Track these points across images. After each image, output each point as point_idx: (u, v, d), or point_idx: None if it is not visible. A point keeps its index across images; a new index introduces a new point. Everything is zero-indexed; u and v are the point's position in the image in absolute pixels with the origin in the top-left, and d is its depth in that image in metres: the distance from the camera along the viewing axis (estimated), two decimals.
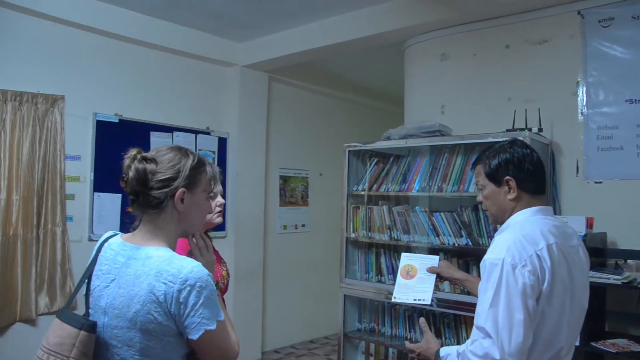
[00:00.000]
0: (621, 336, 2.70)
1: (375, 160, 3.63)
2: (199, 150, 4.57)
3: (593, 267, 2.60)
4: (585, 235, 2.61)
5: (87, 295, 1.43)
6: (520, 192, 1.65)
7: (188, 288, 1.29)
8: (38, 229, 3.66)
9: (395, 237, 3.41)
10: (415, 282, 2.13)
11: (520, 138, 2.73)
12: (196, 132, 4.56)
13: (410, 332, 3.45)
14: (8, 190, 3.52)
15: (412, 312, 3.43)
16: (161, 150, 1.47)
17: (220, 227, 4.70)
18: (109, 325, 1.35)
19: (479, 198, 1.76)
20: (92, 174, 3.90)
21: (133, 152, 1.41)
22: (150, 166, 1.39)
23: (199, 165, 1.48)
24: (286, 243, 5.35)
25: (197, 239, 1.59)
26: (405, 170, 3.47)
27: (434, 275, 2.12)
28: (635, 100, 2.92)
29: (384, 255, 3.56)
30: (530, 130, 2.93)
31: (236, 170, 4.77)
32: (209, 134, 4.67)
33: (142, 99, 4.23)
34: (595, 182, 3.01)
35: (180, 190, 1.42)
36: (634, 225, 2.86)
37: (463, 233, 3.08)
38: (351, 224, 3.64)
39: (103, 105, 3.99)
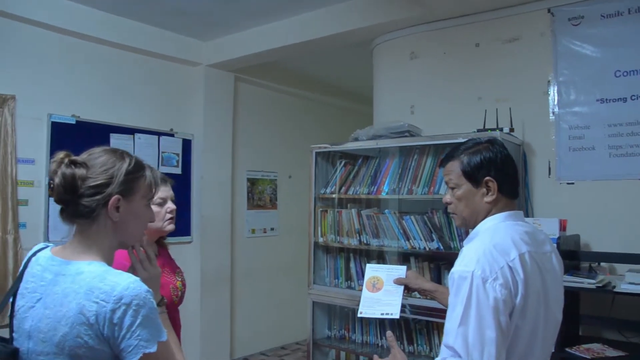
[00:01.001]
0: (596, 341, 2.64)
1: (343, 162, 3.52)
2: (163, 152, 4.39)
3: (567, 270, 2.53)
4: (558, 238, 2.54)
5: (10, 316, 1.28)
6: (499, 195, 1.54)
7: (123, 307, 1.15)
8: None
9: (365, 242, 3.30)
10: (382, 294, 2.01)
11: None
12: (159, 133, 4.38)
13: (381, 339, 3.35)
14: None
15: (383, 320, 3.32)
16: (94, 153, 1.32)
17: (185, 231, 4.54)
18: (34, 351, 1.20)
19: (447, 198, 1.63)
20: (47, 178, 3.68)
21: (60, 155, 1.26)
22: (79, 171, 1.25)
23: (136, 169, 1.34)
24: (255, 247, 5.20)
25: (138, 251, 1.44)
26: (374, 172, 3.37)
27: (402, 287, 2.01)
28: (606, 99, 2.87)
29: (354, 260, 3.45)
30: (501, 130, 2.85)
31: (201, 172, 4.60)
32: (172, 135, 4.49)
33: (101, 100, 4.03)
34: (568, 183, 2.95)
35: (115, 197, 1.27)
36: (606, 226, 2.81)
37: (434, 237, 2.99)
38: (319, 228, 3.52)
39: (59, 106, 3.78)
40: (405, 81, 3.62)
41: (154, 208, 1.96)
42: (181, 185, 4.52)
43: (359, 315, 2.02)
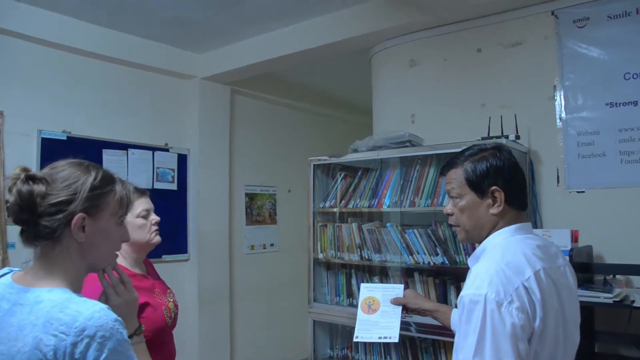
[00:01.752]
0: (612, 358, 2.49)
1: (342, 175, 3.39)
2: (157, 168, 4.27)
3: (580, 284, 2.38)
4: (571, 250, 2.40)
5: None
6: (506, 206, 1.41)
7: (86, 340, 1.01)
8: None
9: (367, 257, 3.16)
10: (378, 316, 1.88)
11: None
12: (154, 148, 4.26)
13: (385, 358, 3.19)
14: None
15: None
16: (57, 167, 1.19)
17: (182, 249, 4.40)
18: None
19: (449, 209, 1.49)
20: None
21: (16, 170, 1.13)
22: (38, 187, 1.12)
23: (104, 183, 1.21)
24: (254, 264, 5.05)
25: (110, 274, 1.31)
26: (375, 184, 3.24)
27: (400, 308, 1.87)
28: (616, 103, 2.74)
29: (355, 276, 3.30)
30: (506, 137, 2.72)
31: (197, 188, 4.48)
32: (167, 150, 4.37)
33: (92, 115, 3.91)
34: (578, 192, 2.81)
35: (78, 215, 1.14)
36: (620, 236, 2.66)
37: (439, 251, 2.85)
38: (319, 243, 3.38)
39: (49, 122, 3.66)
40: (405, 90, 3.50)
41: (139, 221, 1.86)
42: (177, 201, 4.40)
43: (355, 339, 1.88)
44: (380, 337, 1.87)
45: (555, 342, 1.28)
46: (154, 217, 1.92)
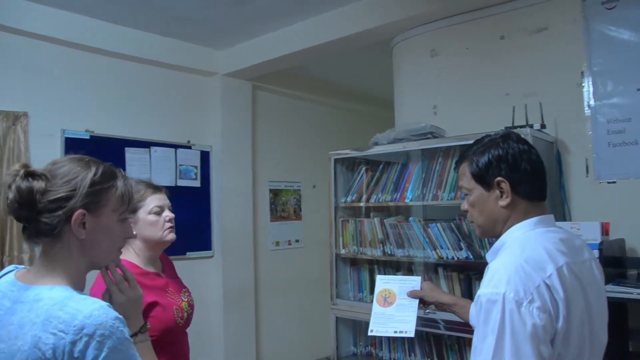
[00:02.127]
0: None
1: (364, 169, 3.33)
2: (180, 165, 4.28)
3: (611, 279, 2.28)
4: (601, 243, 2.29)
5: None
6: (515, 197, 1.33)
7: (85, 338, 0.99)
8: (2, 256, 3.36)
9: (389, 252, 3.09)
10: (394, 309, 1.81)
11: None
12: (176, 146, 4.27)
13: (410, 355, 3.12)
14: None
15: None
16: (58, 163, 1.18)
17: (206, 246, 4.41)
18: None
19: (464, 206, 1.43)
20: None
21: (16, 166, 1.12)
22: (38, 184, 1.10)
23: (105, 179, 1.19)
24: (279, 260, 5.03)
25: (113, 272, 1.29)
26: (397, 178, 3.17)
27: (417, 301, 1.81)
28: None
29: (378, 272, 3.24)
30: (531, 127, 2.62)
31: (220, 185, 4.47)
32: (190, 147, 4.38)
33: (115, 114, 3.94)
34: (608, 182, 2.68)
35: (78, 212, 1.12)
36: None
37: (462, 245, 2.76)
38: (341, 239, 3.33)
39: (72, 121, 3.70)
40: (426, 81, 3.41)
41: (152, 218, 1.83)
42: (200, 198, 4.40)
43: (369, 333, 1.83)
44: (395, 332, 1.81)
45: (580, 343, 1.20)
46: (168, 214, 1.89)
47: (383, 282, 1.93)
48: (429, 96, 3.37)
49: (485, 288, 1.19)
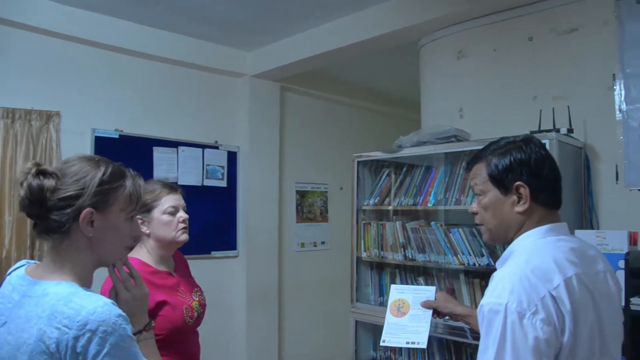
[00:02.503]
0: None
1: (386, 172, 3.29)
2: (207, 165, 4.33)
3: (638, 292, 2.18)
4: (627, 253, 2.19)
5: None
6: (533, 204, 1.29)
7: (88, 334, 1.01)
8: (33, 251, 3.46)
9: (410, 257, 3.05)
10: (407, 320, 1.78)
11: (546, 140, 2.37)
12: (203, 146, 4.33)
13: None
14: (0, 211, 3.36)
15: (432, 342, 3.05)
16: (69, 162, 1.21)
17: (231, 245, 4.44)
18: None
19: (473, 207, 1.39)
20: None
21: (28, 164, 1.15)
22: (48, 182, 1.13)
23: (113, 178, 1.21)
24: (304, 261, 5.03)
25: (120, 269, 1.31)
26: (420, 182, 3.12)
27: (430, 311, 1.77)
28: None
29: (399, 277, 3.20)
30: (558, 131, 2.53)
31: (247, 185, 4.50)
32: (217, 148, 4.42)
33: (143, 113, 4.02)
34: (639, 190, 2.57)
35: (86, 210, 1.15)
36: None
37: (484, 251, 2.70)
38: (362, 242, 3.31)
39: (102, 121, 3.79)
40: (453, 83, 3.35)
41: (166, 218, 1.85)
42: (227, 198, 4.44)
43: (381, 343, 1.80)
44: (407, 342, 1.78)
45: (589, 358, 1.15)
46: (182, 215, 1.90)
47: (397, 291, 1.91)
48: (455, 99, 3.32)
49: (489, 297, 1.16)
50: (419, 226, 3.04)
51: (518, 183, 1.29)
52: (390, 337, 1.81)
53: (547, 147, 2.32)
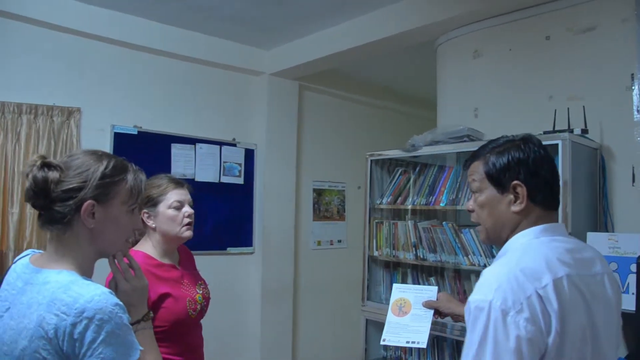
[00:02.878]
0: None
1: (400, 171, 3.29)
2: (224, 162, 4.37)
3: None
4: (639, 257, 2.15)
5: None
6: (530, 204, 1.28)
7: (85, 321, 1.06)
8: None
9: (422, 256, 3.04)
10: (408, 319, 1.78)
11: (559, 141, 2.34)
12: (221, 143, 4.37)
13: None
14: (22, 204, 3.44)
15: (442, 341, 3.03)
16: (73, 155, 1.26)
17: (247, 242, 4.48)
18: None
19: (470, 205, 1.38)
20: None
21: (34, 157, 1.21)
22: (53, 174, 1.18)
23: (115, 172, 1.25)
24: (320, 260, 5.04)
25: (120, 260, 1.34)
26: (433, 181, 3.10)
27: (432, 311, 1.76)
28: None
29: (411, 276, 3.19)
30: (571, 132, 2.49)
31: (264, 182, 4.53)
32: (235, 145, 4.47)
33: (162, 110, 4.08)
34: None
35: (88, 202, 1.19)
36: None
37: (495, 252, 2.67)
38: (374, 241, 3.31)
39: (121, 117, 3.87)
40: (468, 83, 3.32)
41: (171, 212, 1.88)
42: (243, 195, 4.48)
43: (381, 342, 1.80)
44: (407, 342, 1.78)
45: None
46: (187, 210, 1.93)
47: (399, 291, 1.91)
48: (470, 98, 3.29)
49: (475, 294, 1.15)
50: (431, 226, 3.03)
51: (515, 182, 1.28)
52: (391, 336, 1.81)
53: (560, 147, 2.33)
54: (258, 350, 4.42)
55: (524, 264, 1.16)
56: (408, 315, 1.81)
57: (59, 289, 1.11)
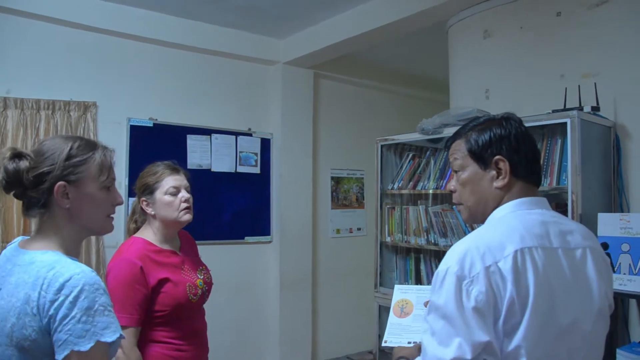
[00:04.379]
0: None
1: (410, 155, 3.25)
2: (240, 152, 4.40)
3: None
4: None
5: None
6: (512, 179, 1.26)
7: (61, 298, 1.10)
8: None
9: (433, 241, 3.00)
10: (410, 320, 1.75)
11: (567, 119, 2.28)
12: (237, 133, 4.40)
13: None
14: None
15: None
16: (44, 142, 1.30)
17: (265, 231, 4.51)
18: None
19: (452, 185, 1.37)
20: (127, 179, 3.83)
21: (5, 149, 1.25)
22: (23, 163, 1.22)
23: (81, 152, 1.28)
24: (339, 248, 5.04)
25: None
26: (444, 165, 3.06)
27: None
28: None
29: (424, 261, 3.16)
30: (581, 109, 2.41)
31: (280, 172, 4.55)
32: (250, 135, 4.49)
33: (177, 102, 4.13)
34: None
35: (59, 184, 1.23)
36: None
37: None
38: (386, 226, 3.28)
39: (137, 110, 3.93)
40: (479, 63, 3.25)
41: (167, 198, 1.90)
42: (260, 184, 4.51)
43: (382, 344, 1.78)
44: (409, 342, 1.75)
45: (544, 333, 1.10)
46: (184, 195, 1.95)
47: (401, 292, 1.88)
48: (481, 80, 3.22)
49: (441, 264, 1.17)
50: (442, 210, 2.99)
51: (498, 157, 1.26)
52: (392, 338, 1.77)
53: (569, 126, 2.26)
54: (277, 340, 4.46)
55: (490, 235, 1.16)
56: (410, 316, 1.78)
57: (43, 267, 1.15)
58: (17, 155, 1.22)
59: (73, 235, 1.28)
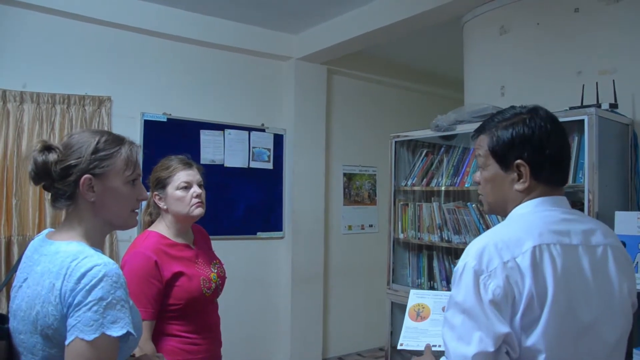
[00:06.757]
0: None
1: (424, 152, 3.23)
2: (253, 147, 4.41)
3: None
4: None
5: (7, 297, 1.32)
6: (534, 182, 1.23)
7: (80, 286, 1.12)
8: None
9: (447, 238, 2.99)
10: (427, 324, 1.74)
11: (585, 117, 2.25)
12: (250, 129, 4.41)
13: None
14: None
15: None
16: (72, 135, 1.32)
17: (277, 227, 4.52)
18: (16, 330, 1.22)
19: (477, 177, 1.35)
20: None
21: (35, 142, 1.28)
22: (52, 156, 1.24)
23: (108, 146, 1.30)
24: (351, 244, 5.04)
25: None
26: (458, 162, 3.04)
27: None
28: None
29: (437, 258, 3.15)
30: (599, 107, 2.38)
31: (293, 167, 4.55)
32: (263, 130, 4.49)
33: (191, 97, 4.15)
34: None
35: (85, 177, 1.25)
36: None
37: None
38: (399, 223, 3.27)
39: (151, 105, 3.95)
40: (495, 60, 3.22)
41: (179, 193, 1.91)
42: (273, 180, 4.51)
43: (399, 347, 1.76)
44: (433, 346, 1.74)
45: (560, 332, 1.09)
46: (196, 190, 1.95)
47: (417, 296, 1.87)
48: (496, 76, 3.19)
49: (459, 260, 1.17)
50: (456, 207, 2.98)
51: (518, 161, 1.23)
52: (409, 341, 1.76)
53: (586, 123, 2.23)
54: (288, 335, 4.47)
55: (508, 232, 1.16)
56: (427, 321, 1.77)
57: (67, 257, 1.17)
58: (46, 148, 1.24)
59: (98, 227, 1.30)
